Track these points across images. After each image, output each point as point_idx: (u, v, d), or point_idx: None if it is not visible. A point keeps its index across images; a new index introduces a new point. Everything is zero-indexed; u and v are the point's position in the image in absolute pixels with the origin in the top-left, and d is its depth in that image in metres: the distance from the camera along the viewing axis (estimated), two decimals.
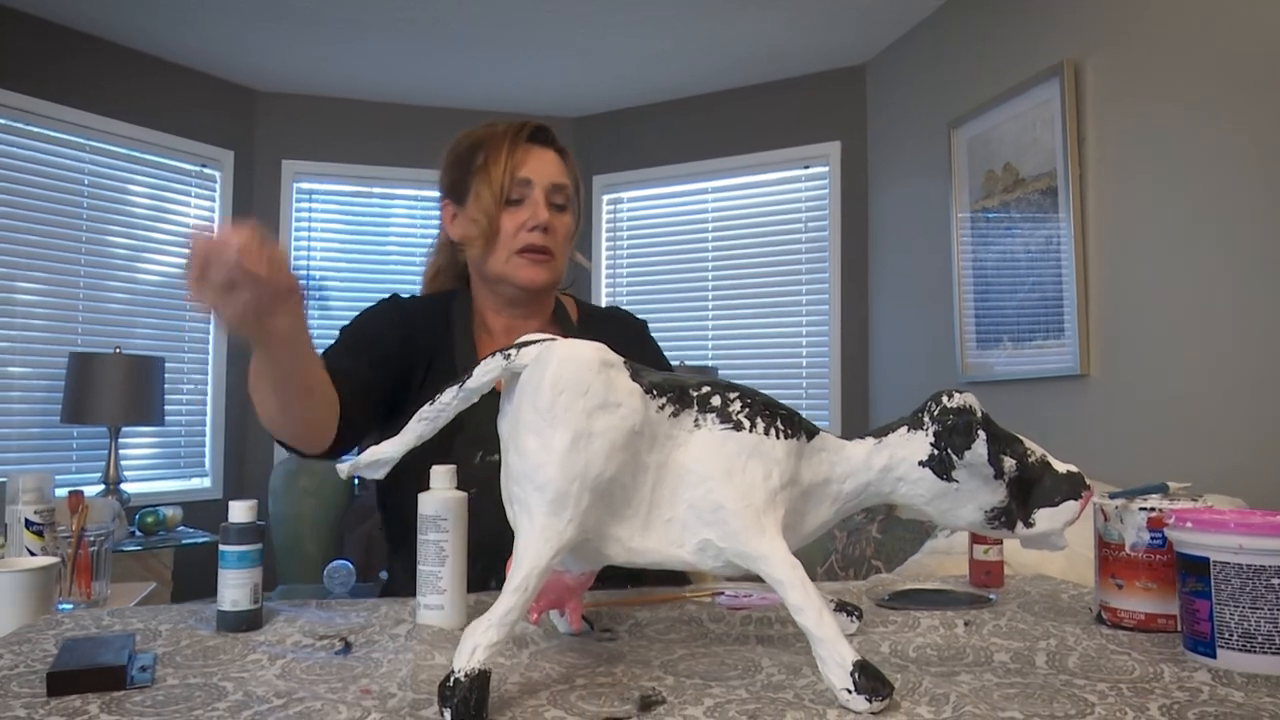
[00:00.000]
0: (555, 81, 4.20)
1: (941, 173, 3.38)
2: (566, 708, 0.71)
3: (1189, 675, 0.80)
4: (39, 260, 3.50)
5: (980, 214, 3.17)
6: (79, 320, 3.61)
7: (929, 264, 3.50)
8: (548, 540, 0.72)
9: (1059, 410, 2.80)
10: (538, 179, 1.31)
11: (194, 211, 4.03)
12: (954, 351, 3.28)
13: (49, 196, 3.54)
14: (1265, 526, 0.81)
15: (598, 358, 0.76)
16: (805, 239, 4.08)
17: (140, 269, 3.82)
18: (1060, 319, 2.77)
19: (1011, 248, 3.01)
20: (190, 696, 0.73)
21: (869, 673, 0.71)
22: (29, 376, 3.45)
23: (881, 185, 3.85)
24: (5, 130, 3.42)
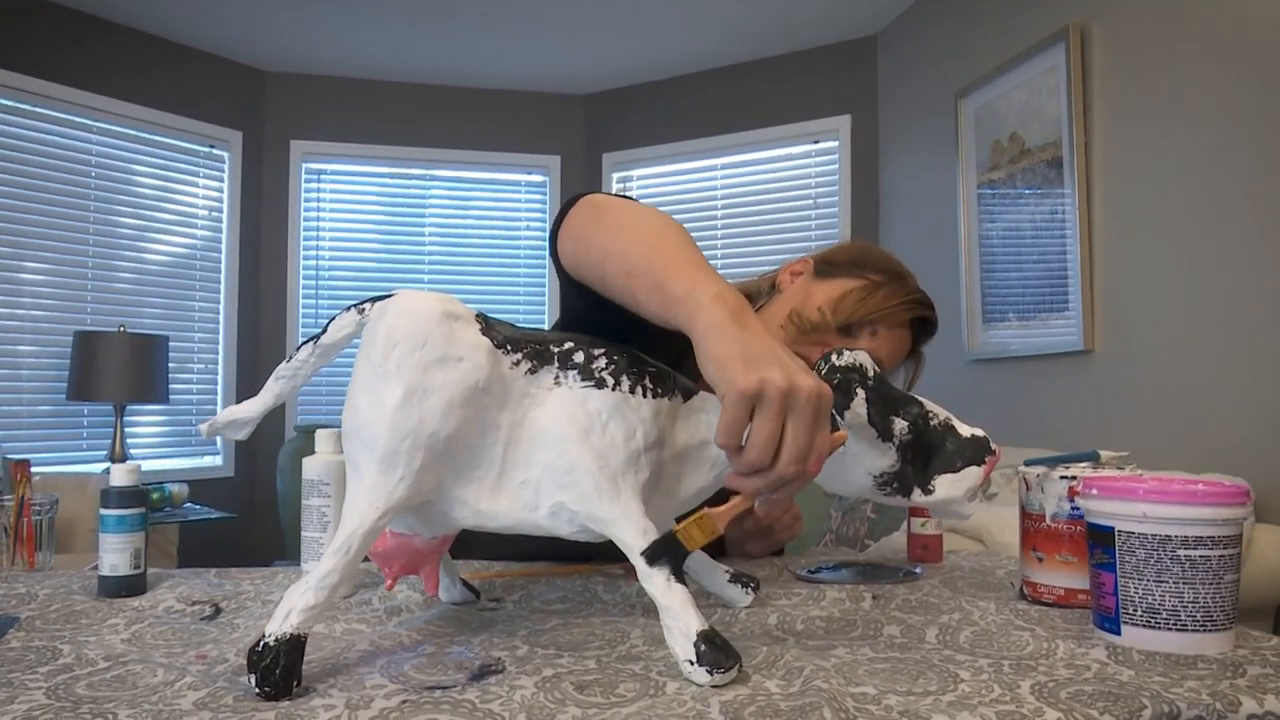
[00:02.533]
0: (564, 59, 4.15)
1: (949, 145, 3.28)
2: (393, 676, 0.67)
3: (1084, 652, 0.74)
4: (47, 241, 3.55)
5: (987, 186, 3.07)
6: (88, 300, 3.65)
7: (936, 239, 3.40)
8: (374, 500, 0.68)
9: (1063, 387, 2.71)
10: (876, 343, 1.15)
11: (202, 192, 4.05)
12: (960, 328, 3.19)
13: (57, 178, 3.58)
14: (1171, 493, 0.74)
15: (439, 309, 0.72)
16: (815, 215, 4.00)
17: (148, 249, 3.85)
18: (1065, 294, 2.67)
19: (1018, 220, 2.91)
20: (21, 659, 0.71)
21: (714, 644, 0.66)
22: (39, 355, 3.50)
23: (891, 159, 3.76)
24: (13, 112, 3.46)
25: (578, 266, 0.87)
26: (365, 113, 4.37)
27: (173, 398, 3.74)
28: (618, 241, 0.82)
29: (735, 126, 4.18)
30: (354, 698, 0.62)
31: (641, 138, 4.42)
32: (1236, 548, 0.75)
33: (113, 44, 3.73)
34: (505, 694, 0.63)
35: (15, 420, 3.45)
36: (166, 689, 0.64)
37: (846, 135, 3.91)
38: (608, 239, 0.83)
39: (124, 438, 3.48)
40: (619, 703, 0.62)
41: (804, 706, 0.61)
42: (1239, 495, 0.74)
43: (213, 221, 4.09)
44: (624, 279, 0.79)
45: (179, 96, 3.95)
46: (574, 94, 4.57)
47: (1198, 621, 0.74)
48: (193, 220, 4.02)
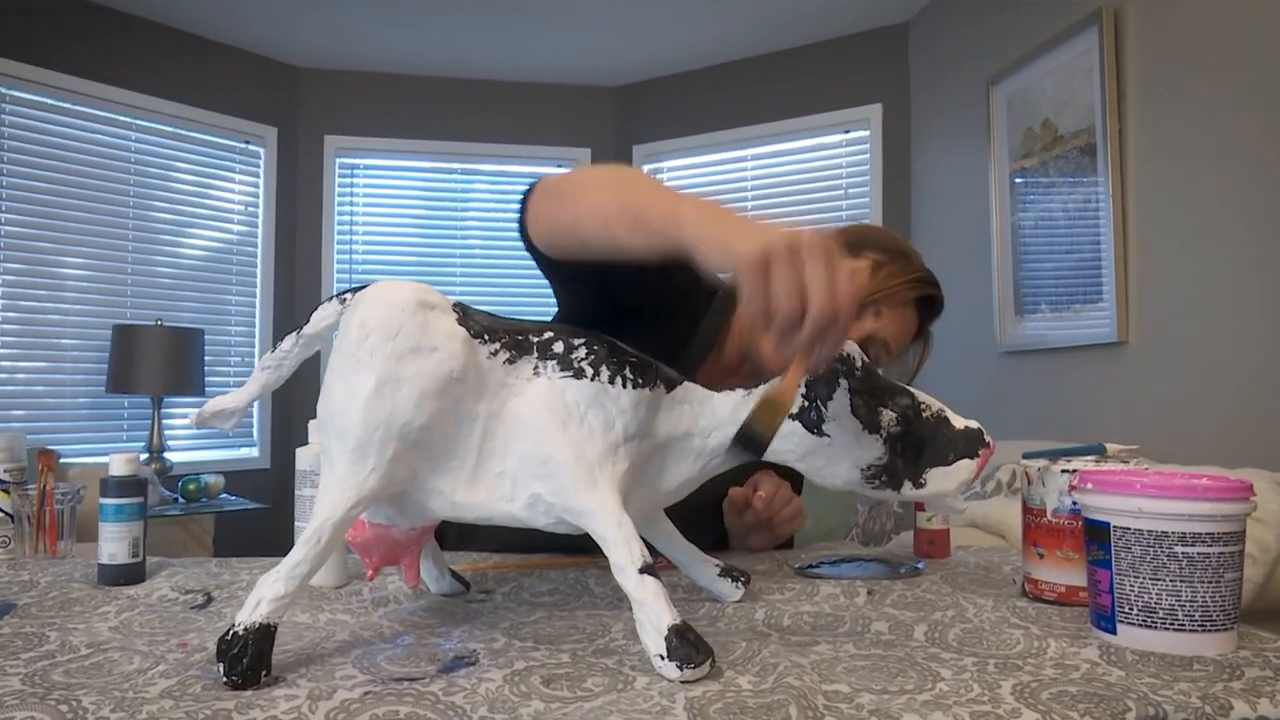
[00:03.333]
0: (594, 51, 4.14)
1: (980, 133, 3.21)
2: (365, 667, 0.67)
3: (1076, 652, 0.72)
4: (88, 236, 3.62)
5: (1019, 175, 3.00)
6: (127, 294, 3.72)
7: (968, 228, 3.34)
8: (345, 491, 0.68)
9: (1096, 379, 2.64)
10: (881, 323, 1.12)
11: (238, 188, 4.11)
12: (992, 319, 3.13)
13: (98, 174, 3.65)
14: (1168, 488, 0.72)
15: (414, 298, 0.72)
16: (846, 205, 3.95)
17: (185, 244, 3.91)
18: (1098, 284, 2.61)
19: (1050, 209, 2.85)
20: (8, 645, 0.72)
21: (685, 639, 0.65)
22: (80, 349, 3.58)
23: (923, 148, 3.69)
24: (55, 110, 3.53)
25: (554, 240, 0.88)
26: (396, 107, 4.40)
27: (209, 390, 3.80)
28: (586, 200, 0.84)
29: (766, 117, 4.14)
30: (318, 688, 0.62)
31: (672, 129, 4.40)
32: (1238, 545, 0.72)
33: (151, 43, 3.79)
34: (471, 686, 0.63)
35: (58, 412, 3.53)
36: (139, 676, 0.64)
37: (878, 124, 3.85)
38: (576, 202, 0.84)
39: (161, 429, 3.55)
40: (585, 697, 0.61)
41: (771, 704, 0.60)
42: (1240, 491, 0.72)
43: (248, 217, 4.15)
44: (603, 230, 0.80)
45: (215, 94, 4.00)
46: (604, 86, 4.56)
47: (1196, 621, 0.71)
48: (229, 215, 4.08)
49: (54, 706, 0.57)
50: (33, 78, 3.44)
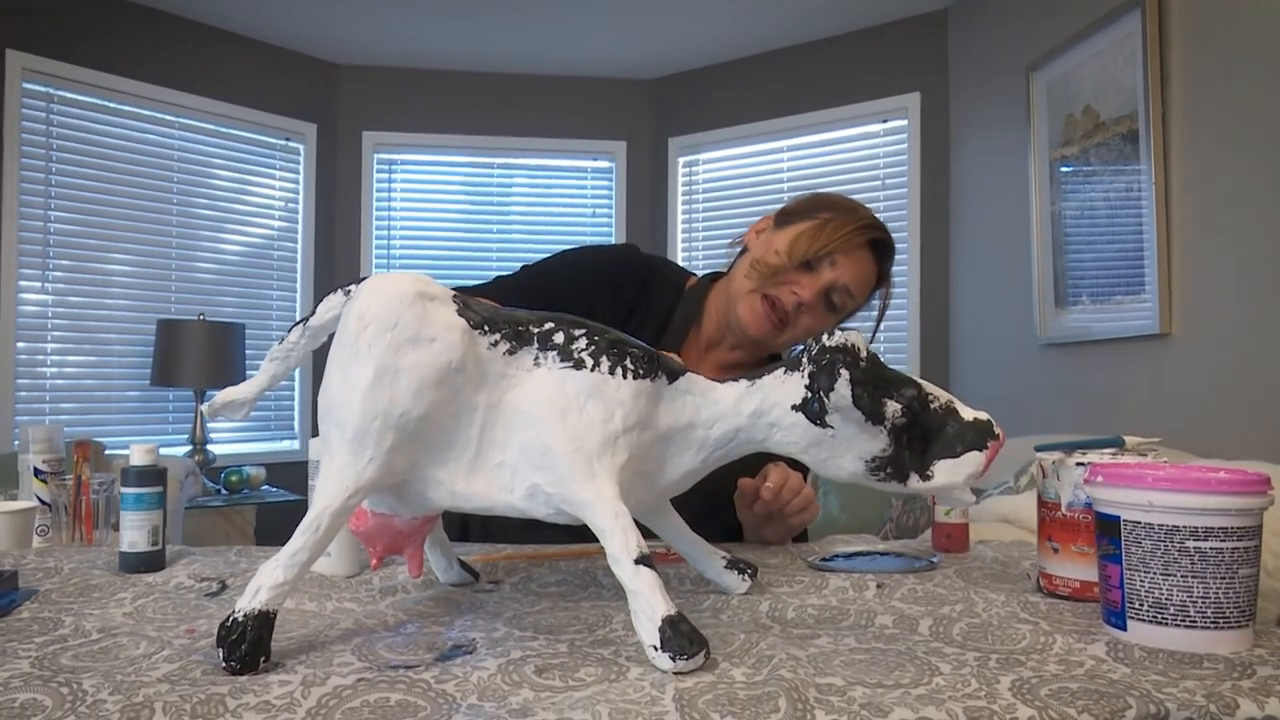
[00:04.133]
0: (629, 44, 4.14)
1: (1020, 121, 3.15)
2: (363, 655, 0.68)
3: (1082, 648, 0.70)
4: (134, 233, 3.70)
5: (1060, 163, 2.94)
6: (171, 289, 3.80)
7: (1008, 219, 3.28)
8: (344, 480, 0.69)
9: (1138, 372, 2.58)
10: (838, 271, 1.22)
11: (279, 184, 4.17)
12: (1032, 311, 3.08)
13: (142, 172, 3.73)
14: (1180, 481, 0.70)
15: (412, 289, 0.72)
16: (883, 197, 3.90)
17: (227, 240, 3.99)
18: (1140, 274, 2.55)
19: (1091, 198, 2.78)
20: (25, 629, 0.74)
21: (679, 630, 0.65)
22: (126, 343, 3.66)
23: (962, 137, 3.63)
24: (101, 110, 3.62)
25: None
26: (433, 103, 4.43)
27: None
28: None
29: (802, 107, 4.10)
30: (313, 674, 0.62)
31: (707, 121, 4.38)
32: (1253, 540, 0.70)
33: (193, 42, 3.86)
34: (464, 675, 0.63)
35: (105, 405, 3.62)
36: (143, 661, 0.66)
37: (916, 113, 3.79)
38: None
39: (204, 422, 3.62)
40: (576, 686, 0.61)
41: (761, 696, 0.59)
42: (1256, 484, 0.69)
43: (288, 212, 4.21)
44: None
45: (256, 92, 4.07)
46: (640, 79, 4.55)
47: (1208, 618, 0.69)
48: (269, 211, 4.14)
49: (55, 689, 0.59)
50: (80, 78, 3.53)
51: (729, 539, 1.18)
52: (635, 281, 1.29)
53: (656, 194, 4.52)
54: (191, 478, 2.97)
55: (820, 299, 1.23)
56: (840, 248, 1.21)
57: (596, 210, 4.60)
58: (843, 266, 1.22)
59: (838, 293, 1.23)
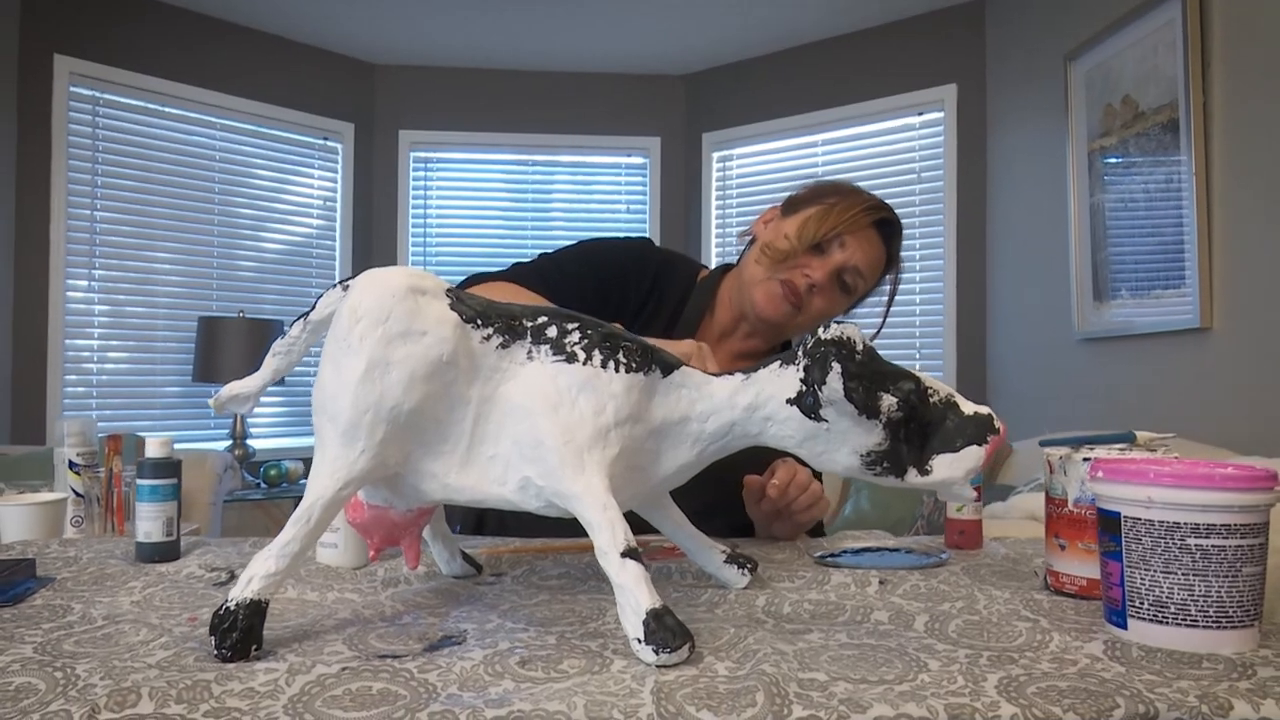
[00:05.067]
0: (663, 39, 4.13)
1: (1058, 112, 3.09)
2: (353, 644, 0.68)
3: (1079, 646, 0.69)
4: (176, 232, 3.79)
5: (1098, 154, 2.88)
6: (213, 287, 3.88)
7: (1045, 212, 3.22)
8: (335, 472, 0.69)
9: (1178, 367, 2.52)
10: (847, 252, 1.25)
11: (317, 183, 4.24)
12: (1069, 305, 3.02)
13: (184, 173, 3.81)
14: (1181, 477, 0.68)
15: (405, 283, 0.73)
16: (919, 190, 3.85)
17: (267, 239, 4.06)
18: (1180, 268, 2.49)
19: (1130, 190, 2.72)
20: (34, 616, 0.76)
21: (663, 623, 0.65)
22: (169, 339, 3.75)
23: (1000, 129, 3.57)
24: (144, 112, 3.70)
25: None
26: (467, 101, 4.47)
27: (289, 380, 3.94)
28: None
29: (836, 101, 4.06)
30: (299, 663, 0.63)
31: (741, 116, 4.36)
32: (1258, 538, 0.68)
33: (233, 44, 3.93)
34: (447, 665, 0.63)
35: (150, 400, 3.71)
36: (141, 648, 0.67)
37: (952, 105, 3.74)
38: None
39: (244, 417, 3.70)
40: (557, 678, 0.61)
41: (741, 690, 0.59)
42: (1262, 480, 0.67)
43: (327, 211, 4.27)
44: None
45: (295, 92, 4.13)
46: (673, 74, 4.54)
47: (1210, 617, 0.67)
48: (308, 210, 4.21)
49: (50, 674, 0.61)
50: (125, 81, 3.62)
51: (738, 534, 1.18)
52: (647, 275, 1.29)
53: (690, 189, 4.51)
54: (230, 471, 3.03)
55: (832, 280, 1.26)
56: (848, 229, 1.25)
57: (631, 206, 4.60)
58: (852, 247, 1.25)
59: (849, 273, 1.26)
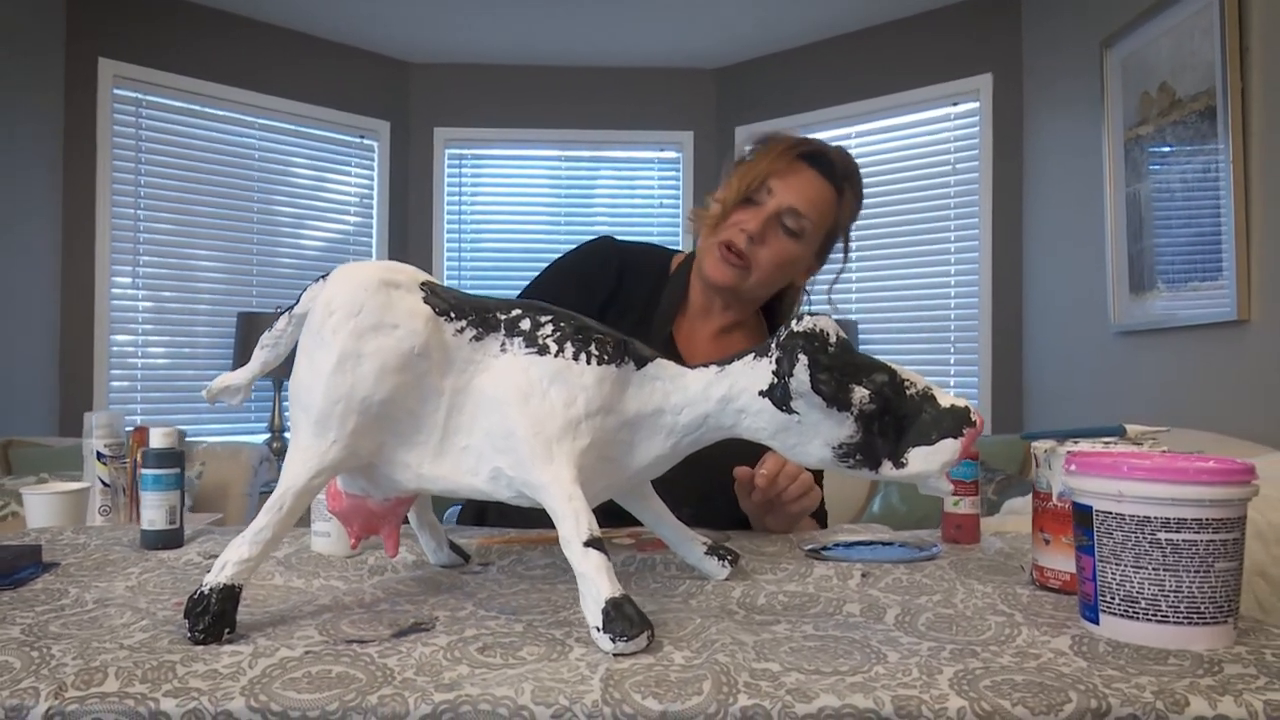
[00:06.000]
0: (695, 33, 4.12)
1: (1093, 100, 3.03)
2: (324, 629, 0.70)
3: (1046, 641, 0.68)
4: (218, 230, 3.87)
5: (1134, 143, 2.82)
6: (252, 284, 3.96)
7: (1081, 202, 3.16)
8: (307, 461, 0.71)
9: (1215, 360, 2.46)
10: (780, 194, 1.22)
11: (354, 181, 4.30)
12: (1105, 298, 2.96)
13: (225, 172, 3.89)
14: (1152, 470, 0.67)
15: (377, 277, 0.74)
16: (954, 182, 3.80)
17: (305, 236, 4.13)
18: (1217, 258, 2.42)
19: (1167, 179, 2.66)
20: (31, 599, 0.79)
21: (622, 611, 0.65)
22: (210, 335, 3.83)
23: (1037, 119, 3.51)
24: (186, 113, 3.79)
25: None
26: (500, 98, 4.50)
27: None
28: None
29: (870, 92, 4.02)
30: (267, 646, 0.65)
31: (774, 109, 4.33)
32: (1232, 532, 0.66)
33: (271, 45, 4.01)
34: (408, 651, 0.65)
35: (191, 394, 3.80)
36: (122, 630, 0.69)
37: (988, 95, 3.68)
38: None
39: (282, 411, 3.77)
40: (514, 664, 0.62)
41: (690, 678, 0.59)
42: (1236, 474, 0.66)
43: (363, 208, 4.34)
44: None
45: (331, 91, 4.20)
46: (706, 68, 4.53)
47: (1180, 613, 0.66)
48: (345, 207, 4.28)
49: (27, 653, 0.63)
50: (166, 83, 3.70)
51: (737, 525, 1.18)
52: (609, 274, 1.30)
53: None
54: (266, 464, 3.10)
55: (771, 227, 1.23)
56: (773, 171, 1.22)
57: (664, 201, 4.60)
58: (782, 190, 1.22)
59: (787, 216, 1.23)
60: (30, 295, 3.31)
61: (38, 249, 3.34)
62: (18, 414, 3.23)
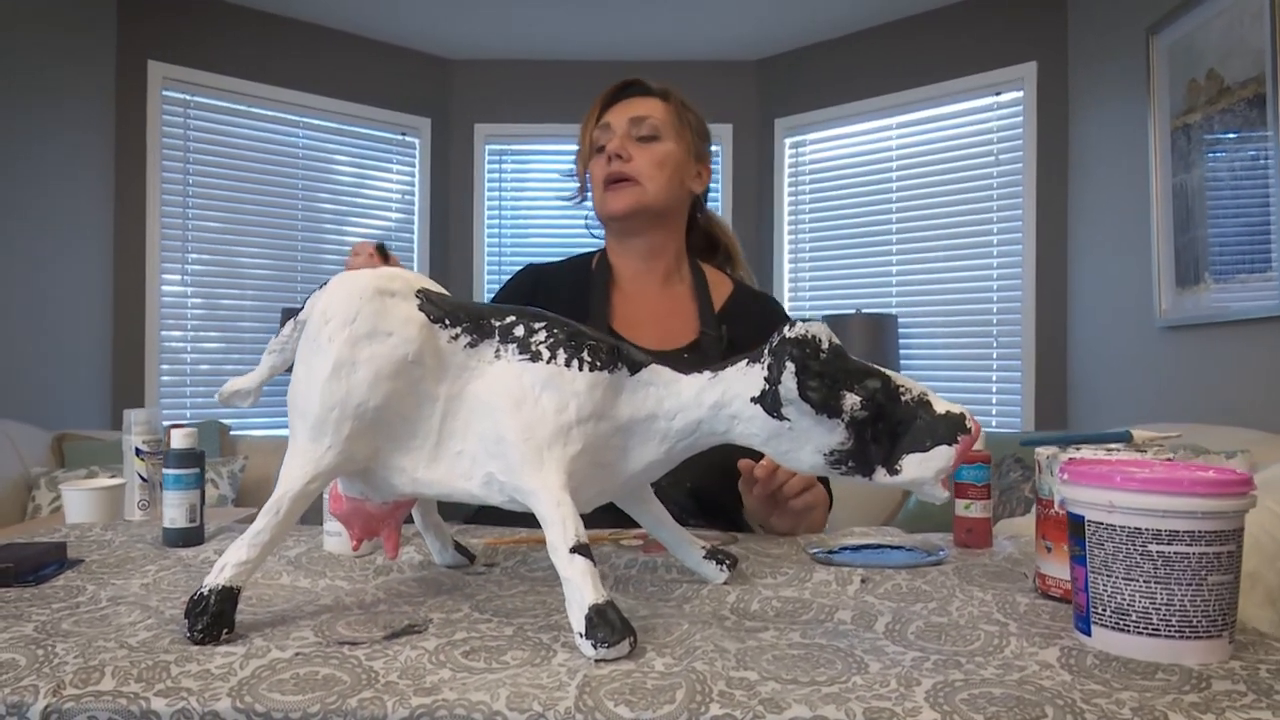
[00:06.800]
0: (734, 24, 4.10)
1: (1139, 88, 2.95)
2: (320, 630, 0.72)
3: (1034, 653, 0.67)
4: (263, 227, 3.96)
5: (1181, 132, 2.74)
6: (297, 280, 4.04)
7: (1126, 193, 3.08)
8: (303, 466, 0.73)
9: (1262, 355, 2.39)
10: (616, 118, 1.35)
11: (395, 178, 4.36)
12: (1151, 291, 2.88)
13: (270, 170, 3.98)
14: (1144, 481, 0.66)
15: (372, 285, 0.76)
16: (997, 174, 3.73)
17: (348, 232, 4.20)
18: (1267, 250, 2.35)
19: (1215, 169, 2.58)
20: (50, 595, 0.82)
21: (605, 618, 0.66)
22: (255, 331, 3.92)
23: (1082, 108, 3.43)
24: (232, 113, 3.88)
25: None
26: (540, 93, 4.52)
27: None
28: None
29: (911, 83, 3.96)
30: (258, 647, 0.67)
31: (814, 100, 4.29)
32: (1227, 545, 0.65)
33: (314, 44, 4.08)
34: (395, 654, 0.66)
35: None
36: (129, 629, 0.72)
37: (1032, 84, 3.60)
38: None
39: None
40: (496, 669, 0.64)
41: (665, 686, 0.60)
42: (1232, 485, 0.65)
43: (405, 205, 4.40)
44: None
45: (373, 89, 4.26)
46: (744, 60, 4.50)
47: (1172, 626, 0.65)
48: (387, 204, 4.34)
49: (33, 651, 0.66)
50: (213, 84, 3.79)
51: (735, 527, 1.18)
52: (524, 293, 1.38)
53: (763, 176, 4.48)
54: None
55: (629, 142, 1.33)
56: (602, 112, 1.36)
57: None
58: (616, 115, 1.34)
59: (634, 126, 1.34)
60: (84, 294, 3.41)
61: (91, 249, 3.45)
62: (71, 409, 3.34)
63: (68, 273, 3.31)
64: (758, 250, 4.46)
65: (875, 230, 4.10)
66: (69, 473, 2.73)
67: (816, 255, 4.30)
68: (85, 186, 3.41)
